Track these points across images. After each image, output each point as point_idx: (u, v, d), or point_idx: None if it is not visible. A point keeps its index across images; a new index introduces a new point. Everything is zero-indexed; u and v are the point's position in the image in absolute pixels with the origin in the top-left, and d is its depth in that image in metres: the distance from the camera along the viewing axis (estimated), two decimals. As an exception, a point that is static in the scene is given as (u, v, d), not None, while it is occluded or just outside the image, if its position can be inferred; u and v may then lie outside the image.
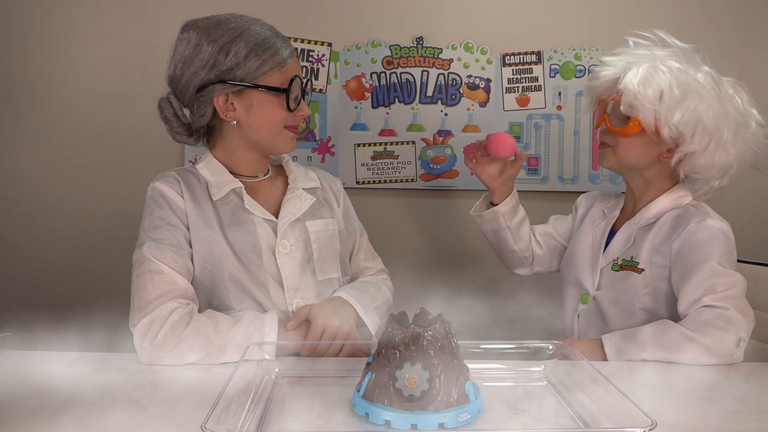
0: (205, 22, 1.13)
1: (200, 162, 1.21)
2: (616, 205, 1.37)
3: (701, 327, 1.06)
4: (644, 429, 0.69)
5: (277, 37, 1.14)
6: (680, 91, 1.17)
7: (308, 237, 1.20)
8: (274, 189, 1.24)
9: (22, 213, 1.99)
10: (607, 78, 1.26)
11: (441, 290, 2.07)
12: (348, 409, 0.82)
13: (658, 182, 1.28)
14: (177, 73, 1.14)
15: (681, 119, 1.16)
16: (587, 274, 1.31)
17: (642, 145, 1.23)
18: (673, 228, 1.21)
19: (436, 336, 0.78)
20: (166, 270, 1.07)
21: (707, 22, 1.93)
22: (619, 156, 1.26)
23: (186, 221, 1.13)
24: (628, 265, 1.24)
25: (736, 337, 1.05)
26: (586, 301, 1.30)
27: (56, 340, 2.15)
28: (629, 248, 1.26)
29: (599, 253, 1.31)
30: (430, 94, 1.96)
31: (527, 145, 1.97)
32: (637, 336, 1.10)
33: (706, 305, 1.09)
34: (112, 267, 1.94)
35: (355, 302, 1.18)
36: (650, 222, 1.26)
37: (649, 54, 1.22)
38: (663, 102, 1.17)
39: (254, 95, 1.13)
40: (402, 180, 1.98)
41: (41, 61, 1.95)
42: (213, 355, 1.02)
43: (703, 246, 1.15)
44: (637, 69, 1.19)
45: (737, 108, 1.20)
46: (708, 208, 1.24)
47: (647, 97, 1.17)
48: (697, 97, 1.17)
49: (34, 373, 0.95)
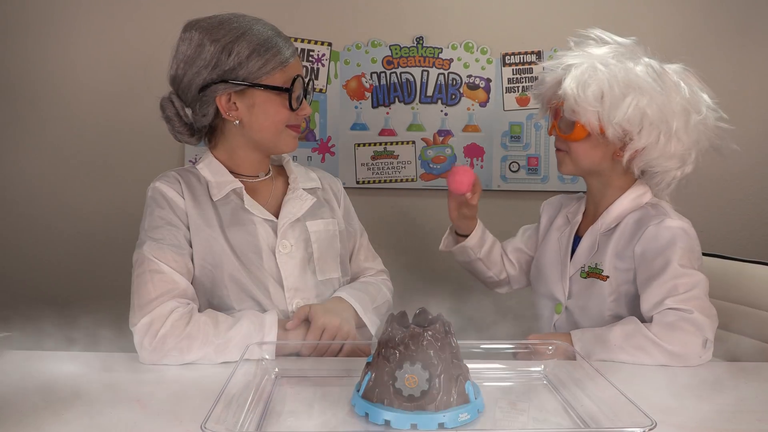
0: (207, 21, 1.13)
1: (201, 162, 1.21)
2: (578, 209, 1.35)
3: (667, 331, 1.06)
4: (644, 429, 0.69)
5: (279, 36, 1.14)
6: (620, 88, 1.14)
7: (308, 237, 1.20)
8: (275, 189, 1.24)
9: (22, 212, 1.99)
10: (550, 84, 1.24)
11: (440, 290, 2.07)
12: (348, 409, 0.82)
13: (616, 181, 1.26)
14: (179, 73, 1.14)
15: (624, 117, 1.14)
16: (557, 284, 1.30)
17: (593, 147, 1.21)
18: (633, 232, 1.20)
19: (435, 336, 0.78)
20: (167, 270, 1.07)
21: (707, 21, 1.93)
22: (575, 161, 1.24)
23: (186, 221, 1.13)
24: (593, 273, 1.23)
25: (702, 338, 1.05)
26: (559, 311, 1.29)
27: (57, 339, 2.15)
28: (594, 255, 1.25)
29: (566, 261, 1.29)
30: (430, 93, 1.96)
31: (527, 145, 1.97)
32: (607, 338, 1.09)
33: (669, 308, 1.09)
34: (112, 266, 1.94)
35: (355, 302, 1.18)
36: (612, 227, 1.24)
37: (586, 54, 1.20)
38: (604, 102, 1.15)
39: (257, 95, 1.13)
40: (402, 180, 1.98)
41: (41, 60, 1.95)
42: (213, 355, 1.02)
43: (664, 248, 1.14)
44: (576, 71, 1.17)
45: (683, 96, 1.16)
46: (666, 207, 1.22)
47: (587, 99, 1.15)
48: (638, 92, 1.14)
49: (35, 373, 0.95)
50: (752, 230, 1.98)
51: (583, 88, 1.15)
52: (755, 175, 1.99)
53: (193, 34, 1.11)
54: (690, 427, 0.79)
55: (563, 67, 1.21)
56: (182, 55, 1.12)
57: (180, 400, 0.85)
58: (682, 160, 1.20)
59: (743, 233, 1.99)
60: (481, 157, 1.98)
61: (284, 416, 0.81)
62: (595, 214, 1.29)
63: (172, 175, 1.18)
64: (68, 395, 0.86)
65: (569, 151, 1.24)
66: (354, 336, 1.13)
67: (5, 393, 0.87)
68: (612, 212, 1.25)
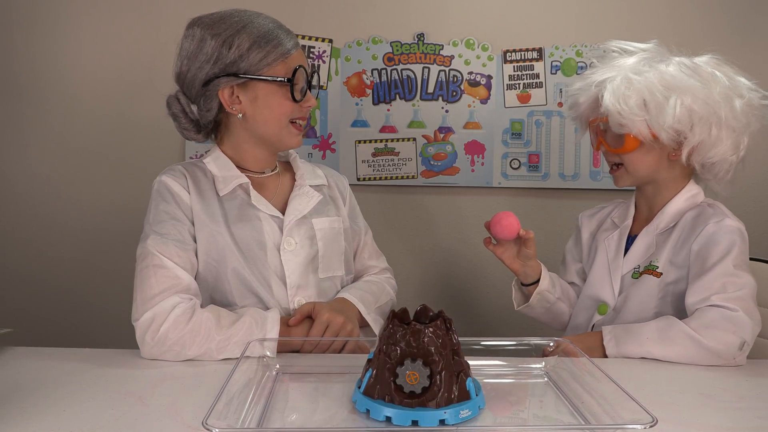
0: (209, 17, 1.14)
1: (208, 156, 1.21)
2: (627, 212, 1.34)
3: (706, 327, 1.05)
4: (645, 426, 0.69)
5: (281, 29, 1.14)
6: (660, 92, 1.15)
7: (314, 234, 1.20)
8: (281, 185, 1.24)
9: (26, 207, 1.99)
10: (587, 103, 1.25)
11: (441, 287, 2.08)
12: (349, 406, 0.82)
13: (672, 183, 1.26)
14: (183, 70, 1.15)
15: (674, 119, 1.15)
16: (605, 287, 1.28)
17: (646, 153, 1.22)
18: (692, 228, 1.20)
19: (437, 332, 0.78)
20: (170, 265, 1.07)
21: (706, 21, 1.93)
22: (632, 172, 1.24)
23: (191, 216, 1.13)
24: (648, 270, 1.22)
25: (741, 340, 1.04)
26: (604, 312, 1.26)
27: (59, 335, 2.16)
28: (651, 254, 1.24)
29: (617, 262, 1.28)
30: (431, 90, 1.96)
31: (528, 142, 1.97)
32: (640, 332, 1.09)
33: (713, 304, 1.08)
34: (116, 262, 1.95)
35: (358, 302, 1.19)
36: (670, 226, 1.24)
37: (615, 66, 1.21)
38: (649, 109, 1.16)
39: (259, 87, 1.13)
40: (403, 177, 1.98)
41: (47, 57, 1.95)
42: (214, 352, 1.02)
43: (720, 246, 1.14)
44: (611, 86, 1.18)
45: (723, 84, 1.17)
46: (724, 208, 1.22)
47: (632, 110, 1.16)
48: (679, 92, 1.15)
49: (37, 369, 0.95)
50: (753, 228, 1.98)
51: (625, 100, 1.16)
52: (755, 175, 1.99)
53: (195, 31, 1.12)
54: (690, 424, 0.79)
55: (596, 84, 1.21)
56: (185, 51, 1.13)
57: (181, 397, 0.85)
58: (735, 146, 1.20)
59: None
60: (481, 154, 1.97)
61: (285, 413, 0.82)
62: (649, 215, 1.29)
63: (178, 169, 1.18)
64: (70, 391, 0.87)
65: (624, 164, 1.24)
66: (357, 334, 1.13)
67: (7, 389, 0.87)
68: (668, 212, 1.25)
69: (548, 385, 0.92)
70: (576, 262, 1.42)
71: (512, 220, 1.23)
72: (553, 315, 1.37)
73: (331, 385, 0.91)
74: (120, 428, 0.75)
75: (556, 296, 1.33)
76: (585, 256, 1.40)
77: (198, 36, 1.12)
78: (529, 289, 1.32)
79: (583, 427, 0.78)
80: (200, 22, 1.13)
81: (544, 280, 1.31)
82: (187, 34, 1.14)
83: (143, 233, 1.12)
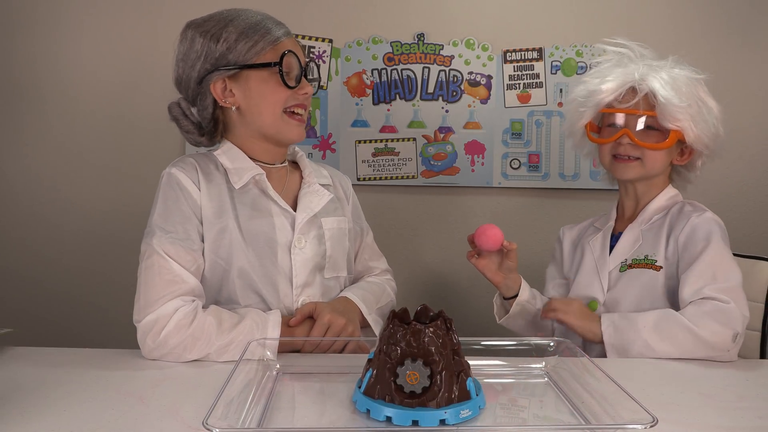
0: (200, 19, 1.15)
1: (219, 149, 1.19)
2: (608, 217, 1.37)
3: (701, 318, 1.08)
4: (645, 425, 0.69)
5: (270, 20, 1.14)
6: (699, 94, 1.22)
7: (323, 234, 1.20)
8: (289, 182, 1.23)
9: (25, 208, 1.99)
10: (616, 91, 1.24)
11: (441, 287, 2.07)
12: (349, 406, 0.82)
13: (660, 183, 1.31)
14: (179, 72, 1.15)
15: (714, 126, 1.23)
16: (594, 284, 1.29)
17: (668, 154, 1.27)
18: (677, 223, 1.24)
19: (437, 332, 0.78)
20: (175, 267, 1.05)
21: (706, 21, 1.93)
22: (649, 168, 1.26)
23: (200, 215, 1.11)
24: (641, 264, 1.24)
25: (733, 332, 1.06)
26: (595, 308, 1.27)
27: (59, 335, 2.16)
28: (639, 247, 1.26)
29: (604, 260, 1.30)
30: (431, 90, 1.96)
31: (528, 142, 1.97)
32: (636, 320, 1.11)
33: (707, 296, 1.11)
34: (116, 262, 1.95)
35: (360, 302, 1.18)
36: (653, 221, 1.28)
37: (655, 65, 1.24)
38: (700, 109, 1.21)
39: (251, 77, 1.12)
40: (403, 177, 1.98)
41: (46, 58, 1.96)
42: (215, 354, 1.02)
43: (705, 236, 1.18)
44: (661, 81, 1.20)
45: (703, 88, 1.26)
46: (702, 205, 1.27)
47: (687, 109, 1.19)
48: (704, 94, 1.23)
49: (37, 369, 0.95)
50: (747, 225, 1.98)
51: (678, 96, 1.19)
52: (754, 175, 1.99)
53: (187, 33, 1.14)
54: (691, 424, 0.79)
55: (640, 71, 1.22)
56: (180, 54, 1.15)
57: (182, 397, 0.85)
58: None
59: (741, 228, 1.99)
60: (481, 154, 1.97)
61: (286, 413, 0.82)
62: (632, 214, 1.33)
63: (189, 161, 1.16)
64: (70, 391, 0.87)
65: (643, 158, 1.25)
66: (358, 335, 1.13)
67: (7, 389, 0.87)
68: (650, 208, 1.29)
69: (548, 385, 0.92)
70: (556, 278, 1.43)
71: (496, 231, 1.24)
72: (533, 325, 1.36)
73: (332, 385, 0.91)
74: (120, 428, 0.75)
75: (536, 307, 1.33)
76: (568, 265, 1.41)
77: (189, 37, 1.13)
78: (510, 302, 1.33)
79: (583, 427, 0.78)
80: (192, 24, 1.15)
81: (524, 292, 1.32)
82: (180, 38, 1.15)
83: (148, 227, 1.09)
